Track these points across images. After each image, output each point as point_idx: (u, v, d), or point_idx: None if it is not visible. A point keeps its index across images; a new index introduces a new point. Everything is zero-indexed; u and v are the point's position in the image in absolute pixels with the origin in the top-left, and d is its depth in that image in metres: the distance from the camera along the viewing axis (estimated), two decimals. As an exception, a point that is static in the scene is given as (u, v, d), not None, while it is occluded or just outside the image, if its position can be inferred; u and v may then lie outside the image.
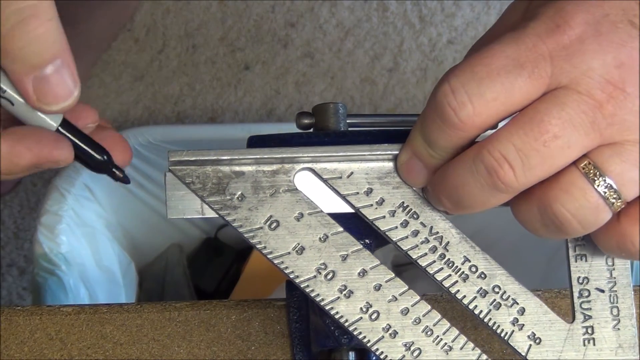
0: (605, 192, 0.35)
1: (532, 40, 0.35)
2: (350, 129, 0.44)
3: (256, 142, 0.42)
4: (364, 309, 0.39)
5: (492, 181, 0.36)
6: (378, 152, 0.39)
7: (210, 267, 1.04)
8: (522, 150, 0.35)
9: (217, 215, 0.40)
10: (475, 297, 0.40)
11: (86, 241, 0.86)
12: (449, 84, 0.35)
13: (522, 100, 0.35)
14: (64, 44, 0.36)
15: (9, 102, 0.38)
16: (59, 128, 0.39)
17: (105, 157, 0.40)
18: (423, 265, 0.40)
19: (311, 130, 0.44)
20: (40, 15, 0.35)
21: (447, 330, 0.40)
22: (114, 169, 0.41)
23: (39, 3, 0.35)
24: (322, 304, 0.39)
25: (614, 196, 0.35)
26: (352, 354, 0.44)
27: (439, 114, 0.36)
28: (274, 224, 0.40)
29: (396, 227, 0.40)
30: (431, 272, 0.40)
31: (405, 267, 0.96)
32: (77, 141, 0.39)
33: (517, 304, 0.40)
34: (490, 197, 0.36)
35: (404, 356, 0.39)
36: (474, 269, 0.40)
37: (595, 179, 0.35)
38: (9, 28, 0.35)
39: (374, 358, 0.43)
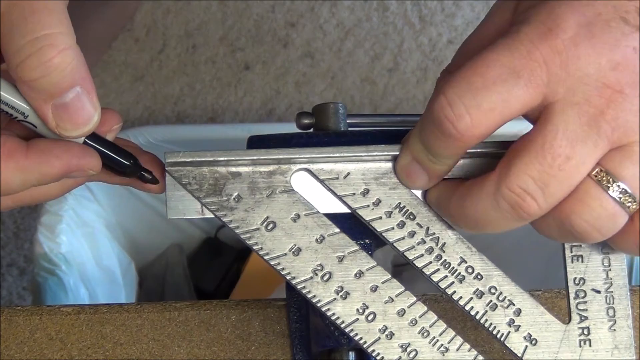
0: (620, 198, 0.35)
1: (525, 47, 0.35)
2: (350, 129, 0.44)
3: (256, 142, 0.42)
4: (361, 310, 0.39)
5: (516, 214, 0.36)
6: (375, 153, 0.39)
7: (210, 267, 1.04)
8: (541, 180, 0.35)
9: (214, 216, 0.40)
10: (471, 298, 0.40)
11: (86, 241, 0.86)
12: (445, 97, 0.35)
13: (519, 108, 0.35)
14: (82, 70, 0.36)
15: (31, 125, 0.38)
16: (86, 140, 0.39)
17: (132, 161, 0.40)
18: (419, 266, 0.40)
19: (311, 130, 0.44)
20: (57, 44, 0.34)
21: (444, 331, 0.40)
22: (142, 172, 0.41)
23: (56, 32, 0.34)
24: (318, 305, 0.39)
25: (630, 200, 0.35)
26: (352, 354, 0.44)
27: (437, 126, 0.36)
28: (271, 225, 0.40)
29: (392, 228, 0.40)
30: (427, 273, 0.40)
31: (405, 267, 0.95)
32: (104, 150, 0.39)
33: (514, 305, 0.40)
34: (514, 224, 0.37)
35: (400, 357, 0.39)
36: (470, 270, 0.40)
37: (609, 185, 0.35)
38: (24, 59, 0.34)
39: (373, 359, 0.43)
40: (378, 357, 0.39)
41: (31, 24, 0.34)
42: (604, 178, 0.35)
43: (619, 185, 0.35)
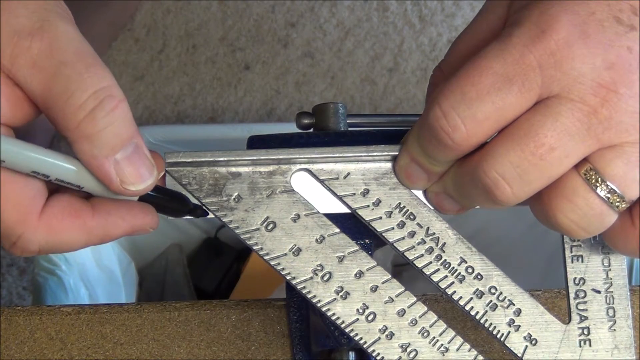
0: (608, 197, 0.35)
1: (518, 51, 0.35)
2: (350, 129, 0.44)
3: (256, 142, 0.42)
4: (361, 311, 0.39)
5: (490, 198, 0.36)
6: (375, 153, 0.39)
7: (210, 267, 1.04)
8: (520, 167, 0.35)
9: (215, 216, 0.40)
10: (471, 298, 0.40)
11: (86, 241, 0.86)
12: (440, 108, 0.35)
13: (514, 114, 0.35)
14: (135, 124, 0.36)
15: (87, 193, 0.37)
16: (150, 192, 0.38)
17: (185, 204, 0.40)
18: (419, 266, 0.40)
19: (311, 130, 0.44)
20: (115, 95, 0.35)
21: (444, 331, 0.40)
22: (193, 208, 0.40)
23: (111, 84, 0.35)
24: (318, 305, 0.39)
25: (618, 200, 0.35)
26: (352, 354, 0.44)
27: (433, 135, 0.36)
28: (271, 225, 0.40)
29: (392, 228, 0.40)
30: (427, 273, 0.40)
31: (405, 267, 0.96)
32: (159, 199, 0.39)
33: (514, 305, 0.40)
34: (493, 206, 0.37)
35: (400, 357, 0.39)
36: (470, 270, 0.40)
37: (597, 184, 0.35)
38: (89, 112, 0.34)
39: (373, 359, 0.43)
40: (378, 357, 0.39)
41: (89, 78, 0.34)
42: (593, 177, 0.35)
43: (607, 185, 0.35)
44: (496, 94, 0.35)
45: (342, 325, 0.39)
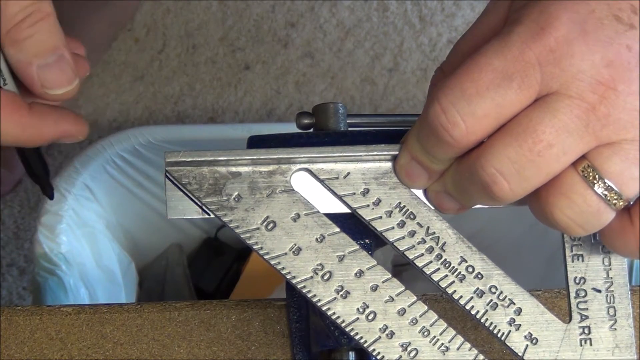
0: (605, 195, 0.35)
1: (518, 48, 0.35)
2: (350, 129, 0.44)
3: (256, 142, 0.42)
4: (361, 310, 0.39)
5: (488, 194, 0.36)
6: (375, 153, 0.39)
7: (210, 267, 1.04)
8: (518, 163, 0.35)
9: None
10: (472, 298, 0.40)
11: (86, 241, 0.86)
12: (440, 104, 0.35)
13: (513, 110, 0.35)
14: (63, 38, 0.41)
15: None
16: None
17: (46, 177, 0.46)
18: (420, 265, 0.40)
19: (311, 130, 0.44)
20: (41, 9, 0.40)
21: (444, 330, 0.40)
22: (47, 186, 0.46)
23: (40, 1, 0.40)
24: (318, 304, 0.39)
25: (615, 197, 0.35)
26: (352, 354, 0.44)
27: (433, 132, 0.36)
28: (271, 225, 0.40)
29: (393, 228, 0.40)
30: (428, 272, 0.40)
31: (405, 267, 0.96)
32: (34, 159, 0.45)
33: (514, 304, 0.40)
34: (490, 203, 0.37)
35: (400, 357, 0.39)
36: (470, 270, 0.40)
37: (595, 181, 0.35)
38: (17, 21, 0.39)
39: (373, 359, 0.43)
40: (379, 357, 0.39)
41: None
42: (590, 174, 0.35)
43: (604, 182, 0.35)
44: (495, 90, 0.35)
45: (343, 325, 0.39)
